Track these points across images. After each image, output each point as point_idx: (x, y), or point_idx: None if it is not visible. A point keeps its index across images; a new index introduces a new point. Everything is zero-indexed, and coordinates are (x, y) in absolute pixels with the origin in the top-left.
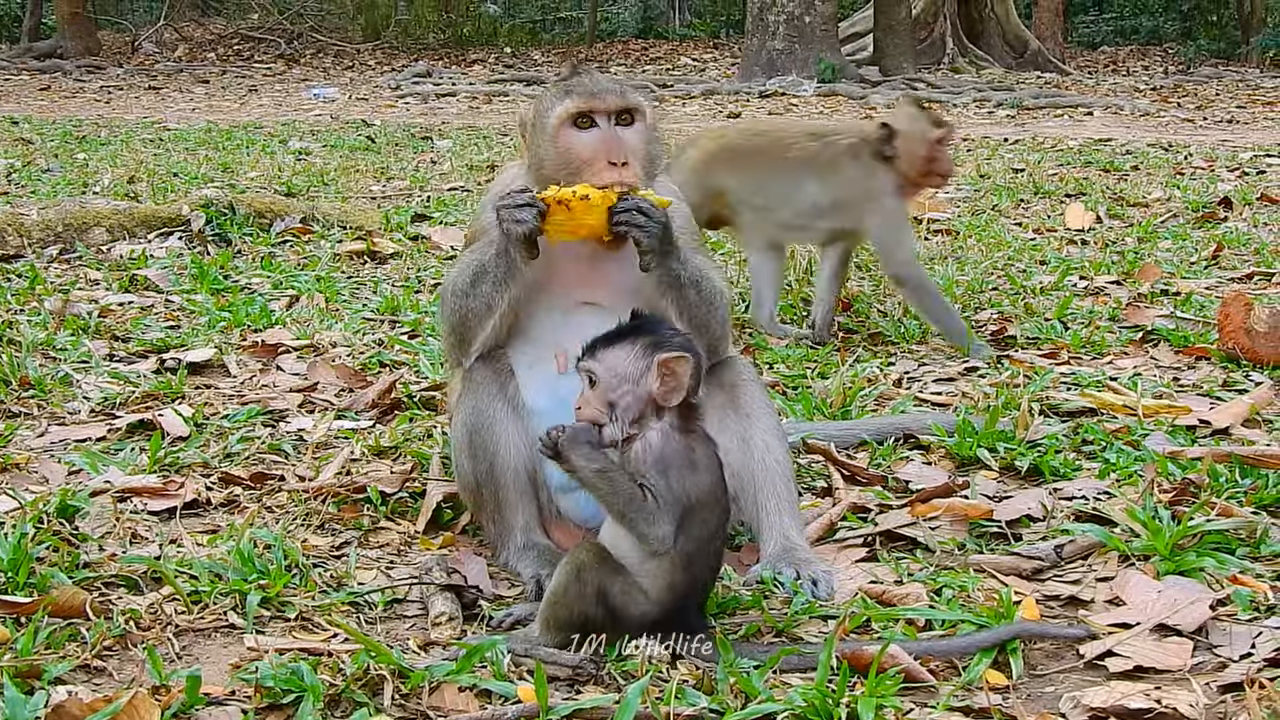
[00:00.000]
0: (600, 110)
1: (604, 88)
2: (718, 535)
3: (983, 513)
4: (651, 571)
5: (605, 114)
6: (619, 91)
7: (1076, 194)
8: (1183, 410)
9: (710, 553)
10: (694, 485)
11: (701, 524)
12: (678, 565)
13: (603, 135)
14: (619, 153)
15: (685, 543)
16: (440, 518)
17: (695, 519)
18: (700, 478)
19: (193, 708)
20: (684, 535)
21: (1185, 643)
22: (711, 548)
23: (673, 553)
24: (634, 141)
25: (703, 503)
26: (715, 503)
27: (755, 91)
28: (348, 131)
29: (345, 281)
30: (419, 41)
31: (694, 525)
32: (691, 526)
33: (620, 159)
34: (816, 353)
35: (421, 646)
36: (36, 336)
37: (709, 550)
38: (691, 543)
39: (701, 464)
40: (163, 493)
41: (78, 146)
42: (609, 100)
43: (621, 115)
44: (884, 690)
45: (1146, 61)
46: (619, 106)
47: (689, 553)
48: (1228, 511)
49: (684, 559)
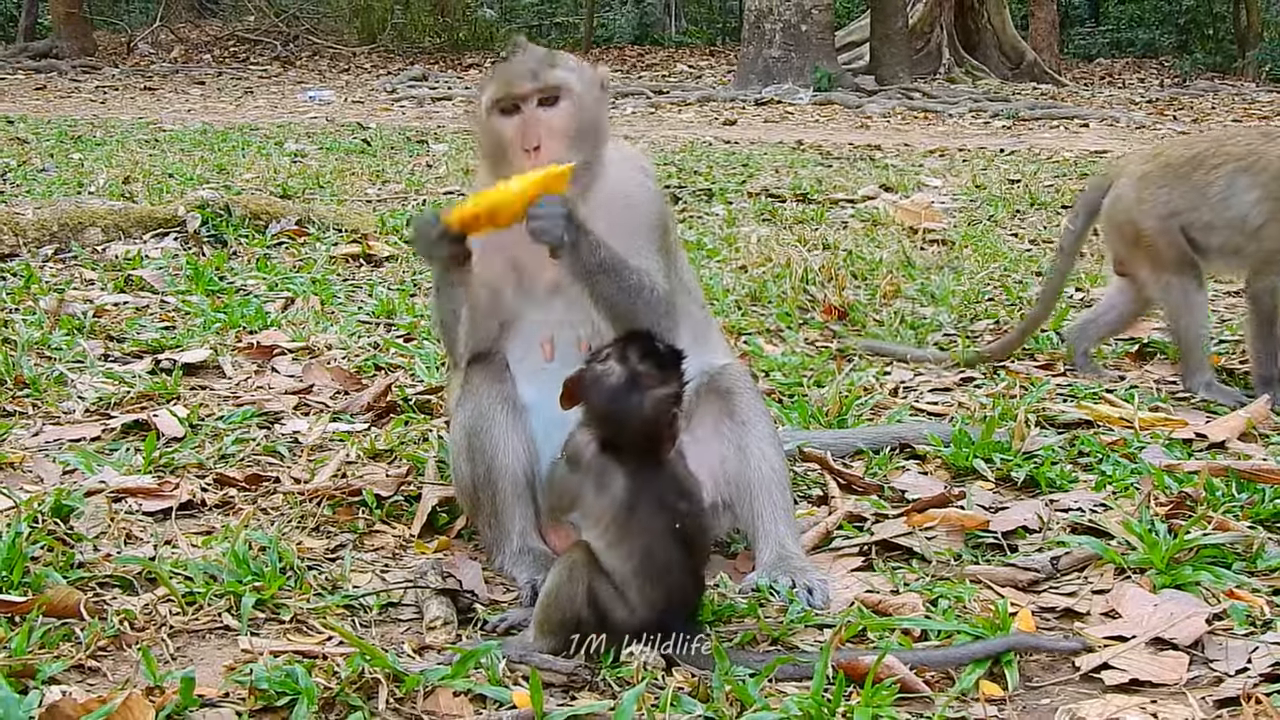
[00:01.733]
0: (518, 95)
1: (521, 71)
2: (676, 540)
3: (979, 523)
4: (626, 580)
5: (525, 98)
6: (536, 73)
7: (1072, 205)
8: (1179, 423)
9: (675, 561)
10: (595, 504)
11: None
12: (644, 578)
13: (522, 120)
14: (532, 137)
15: (637, 556)
16: (435, 521)
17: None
18: (601, 501)
19: (187, 709)
20: (612, 553)
21: (1181, 656)
22: (673, 555)
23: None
24: (557, 122)
25: (619, 525)
26: (637, 524)
27: (751, 99)
28: (343, 134)
29: (341, 284)
30: (415, 45)
31: (637, 534)
32: (632, 535)
33: (533, 144)
34: (813, 361)
35: (416, 650)
36: (31, 336)
37: (672, 558)
38: (644, 555)
39: (610, 488)
40: (157, 493)
41: (73, 146)
42: (525, 85)
43: (544, 97)
44: (880, 700)
45: (1142, 74)
46: (536, 89)
47: (648, 566)
48: (1224, 525)
49: (646, 574)
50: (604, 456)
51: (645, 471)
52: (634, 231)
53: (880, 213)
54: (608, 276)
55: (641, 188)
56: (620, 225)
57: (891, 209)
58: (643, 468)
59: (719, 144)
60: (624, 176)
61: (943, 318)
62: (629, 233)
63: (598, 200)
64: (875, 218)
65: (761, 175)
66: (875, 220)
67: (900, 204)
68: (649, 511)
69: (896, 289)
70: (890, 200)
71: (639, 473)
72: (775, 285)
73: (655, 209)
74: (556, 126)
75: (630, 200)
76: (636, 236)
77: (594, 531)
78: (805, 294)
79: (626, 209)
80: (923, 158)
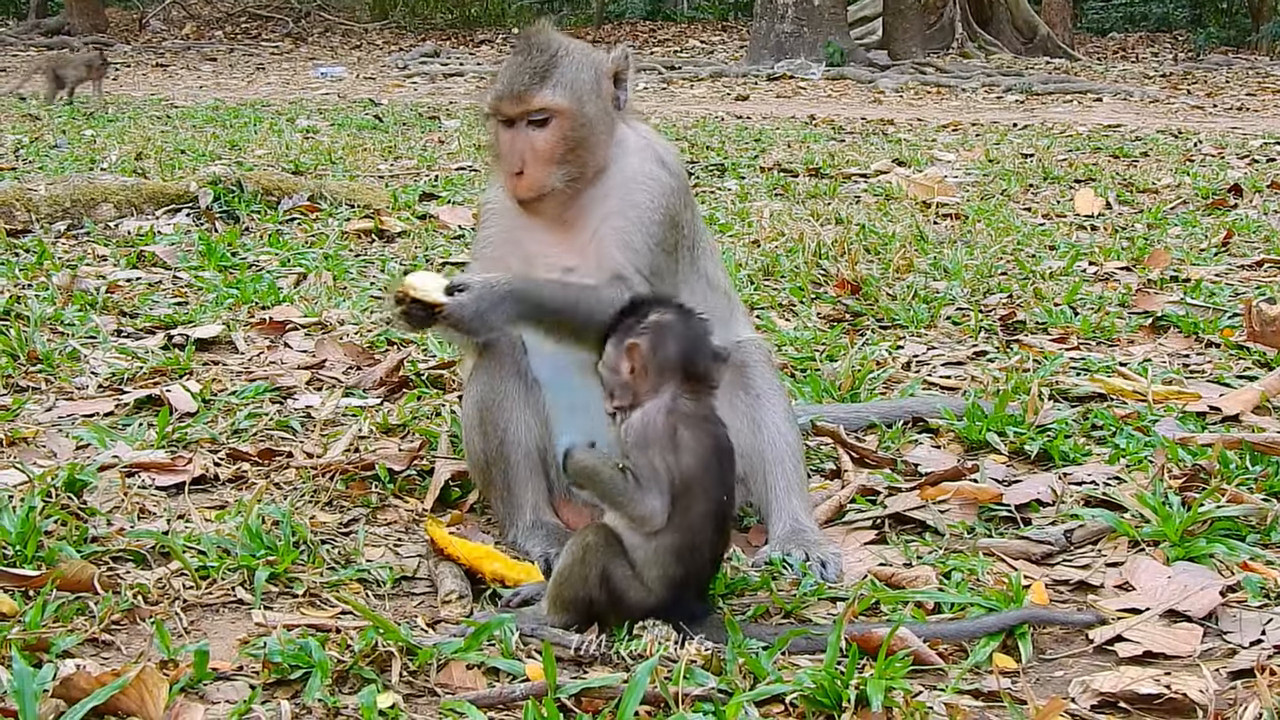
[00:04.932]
0: (507, 114)
1: (513, 90)
2: (712, 523)
3: (992, 497)
4: (649, 560)
5: (514, 117)
6: (525, 95)
7: (1086, 180)
8: (1193, 396)
9: (706, 542)
10: (675, 466)
11: (685, 510)
12: (673, 556)
13: (510, 139)
14: (514, 161)
15: (676, 533)
16: (448, 496)
17: (679, 505)
18: (683, 459)
19: (200, 682)
20: (672, 523)
21: (1195, 628)
22: (705, 536)
23: (666, 528)
24: (542, 146)
25: (686, 487)
26: (703, 491)
27: (763, 74)
28: (355, 110)
29: (353, 259)
30: (427, 21)
31: (680, 512)
32: (677, 513)
33: (514, 168)
34: (825, 335)
35: (430, 624)
36: (45, 312)
37: (703, 540)
38: (682, 533)
39: (685, 445)
40: (170, 468)
41: (85, 123)
42: (513, 106)
43: (533, 119)
44: (893, 673)
45: (1156, 48)
46: (523, 111)
47: (681, 545)
48: (1238, 498)
49: (677, 551)
50: (671, 420)
51: (709, 437)
52: (631, 230)
53: (893, 187)
54: (560, 316)
55: (647, 185)
56: (616, 224)
57: (904, 184)
58: (705, 433)
59: (731, 119)
60: (633, 170)
61: (955, 292)
62: (624, 232)
63: (599, 194)
64: (888, 192)
65: (774, 150)
66: (888, 195)
67: (913, 178)
68: (713, 479)
69: (909, 263)
70: (903, 175)
71: (704, 437)
72: (788, 260)
73: (661, 206)
74: (541, 151)
75: (631, 199)
76: (633, 236)
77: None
78: (818, 269)
79: (627, 207)
80: (935, 132)
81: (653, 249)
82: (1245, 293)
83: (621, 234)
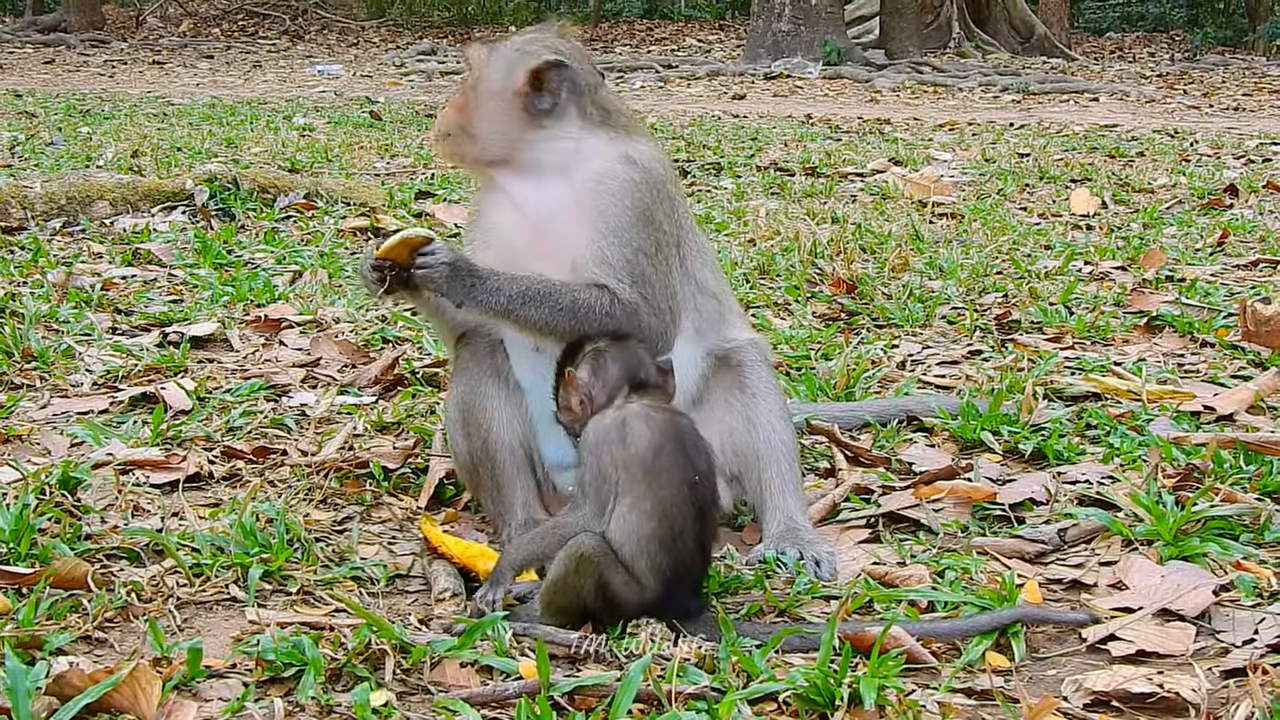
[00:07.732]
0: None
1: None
2: (690, 509)
3: (986, 495)
4: (636, 552)
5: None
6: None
7: (1082, 179)
8: (1187, 396)
9: (688, 529)
10: (621, 457)
11: (653, 496)
12: (656, 544)
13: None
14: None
15: (652, 520)
16: (443, 494)
17: (645, 491)
18: (633, 448)
19: (194, 680)
20: (643, 510)
21: (1188, 628)
22: (685, 522)
23: (641, 516)
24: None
25: (645, 472)
26: (664, 473)
27: (760, 73)
28: (352, 108)
29: (349, 257)
30: (423, 19)
31: (648, 498)
32: (646, 500)
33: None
34: (821, 334)
35: (423, 621)
36: (39, 309)
37: (684, 525)
38: (659, 520)
39: (635, 434)
40: (165, 466)
41: (81, 120)
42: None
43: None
44: (886, 671)
45: (1152, 48)
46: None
47: (662, 532)
48: (1231, 497)
49: (660, 539)
50: (620, 416)
51: (662, 424)
52: (603, 243)
53: (889, 186)
54: (531, 306)
55: (610, 185)
56: (585, 221)
57: (900, 183)
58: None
59: (728, 118)
60: (596, 172)
61: (951, 291)
62: (596, 245)
63: (563, 189)
64: (884, 191)
65: (770, 149)
66: (884, 194)
67: (909, 178)
68: (671, 460)
69: (905, 262)
70: (899, 174)
71: (655, 425)
72: (784, 259)
73: (628, 206)
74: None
75: (597, 207)
76: (607, 249)
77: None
78: (814, 267)
79: (595, 218)
80: (932, 132)
81: (630, 258)
82: (1240, 292)
83: (594, 247)
